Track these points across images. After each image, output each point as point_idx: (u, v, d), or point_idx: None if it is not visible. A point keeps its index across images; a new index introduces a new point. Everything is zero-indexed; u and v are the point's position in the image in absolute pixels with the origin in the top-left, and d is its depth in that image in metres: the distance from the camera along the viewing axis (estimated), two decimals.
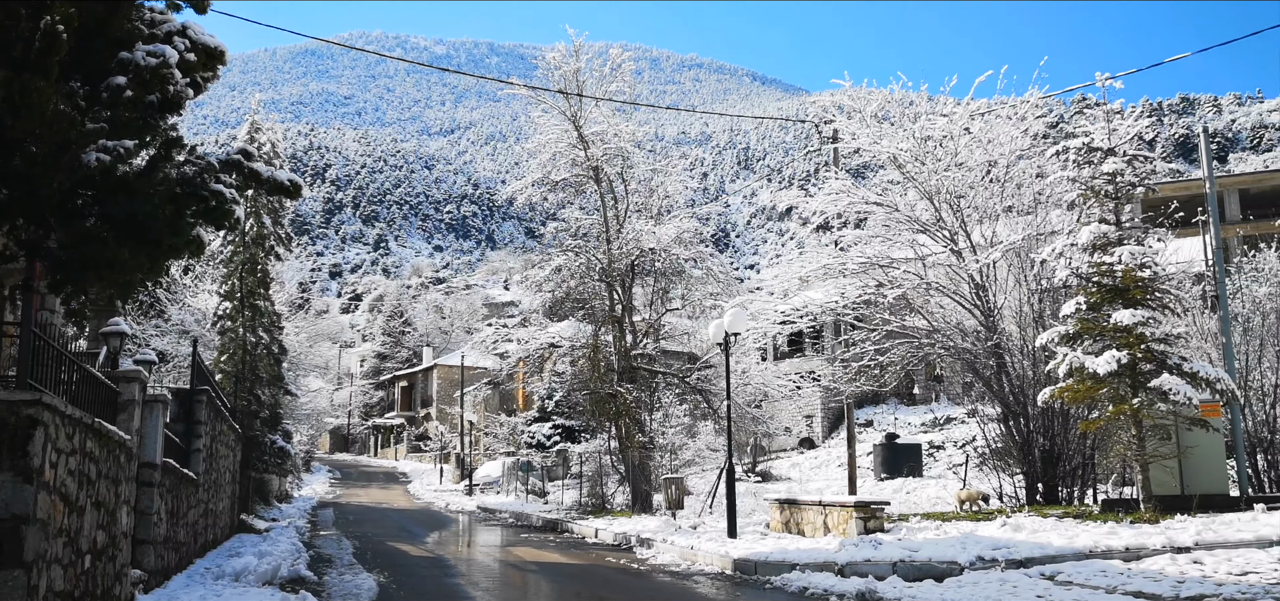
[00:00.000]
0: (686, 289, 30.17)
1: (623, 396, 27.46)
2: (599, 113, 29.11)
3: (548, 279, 29.56)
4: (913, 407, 44.27)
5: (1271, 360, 22.04)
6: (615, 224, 29.07)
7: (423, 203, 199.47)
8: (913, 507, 24.95)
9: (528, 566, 17.39)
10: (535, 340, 30.65)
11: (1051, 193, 22.05)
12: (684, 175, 32.19)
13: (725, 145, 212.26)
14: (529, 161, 31.78)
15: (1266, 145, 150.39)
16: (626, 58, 30.03)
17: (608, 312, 29.13)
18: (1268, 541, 13.25)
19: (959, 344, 22.60)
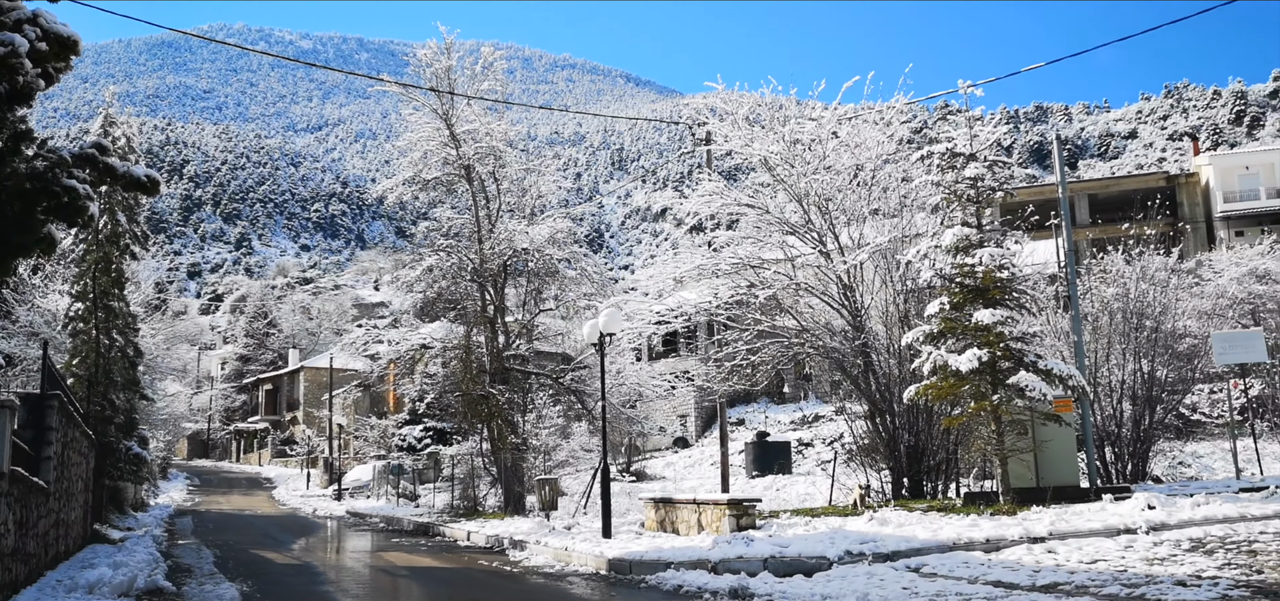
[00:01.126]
0: (560, 289, 30.05)
1: (495, 398, 27.18)
2: (471, 111, 28.76)
3: (419, 279, 29.06)
4: (783, 406, 45.07)
5: (1119, 357, 23.11)
6: (488, 223, 28.76)
7: (289, 201, 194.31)
8: (783, 504, 25.37)
9: (399, 571, 17.03)
10: (406, 341, 30.11)
11: (916, 196, 22.66)
12: (557, 175, 32.06)
13: (599, 146, 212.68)
14: (400, 160, 31.16)
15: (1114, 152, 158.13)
16: (499, 56, 29.74)
17: (480, 313, 28.80)
18: (1115, 530, 13.85)
19: (828, 343, 23.03)
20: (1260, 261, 45.99)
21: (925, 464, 21.82)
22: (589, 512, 24.73)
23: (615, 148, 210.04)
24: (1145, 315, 23.44)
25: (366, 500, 41.23)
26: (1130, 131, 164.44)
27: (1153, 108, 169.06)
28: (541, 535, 19.23)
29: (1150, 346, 23.21)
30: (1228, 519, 13.86)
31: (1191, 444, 29.66)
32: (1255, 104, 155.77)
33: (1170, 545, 12.41)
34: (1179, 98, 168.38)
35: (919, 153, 21.18)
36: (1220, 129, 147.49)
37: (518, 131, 32.07)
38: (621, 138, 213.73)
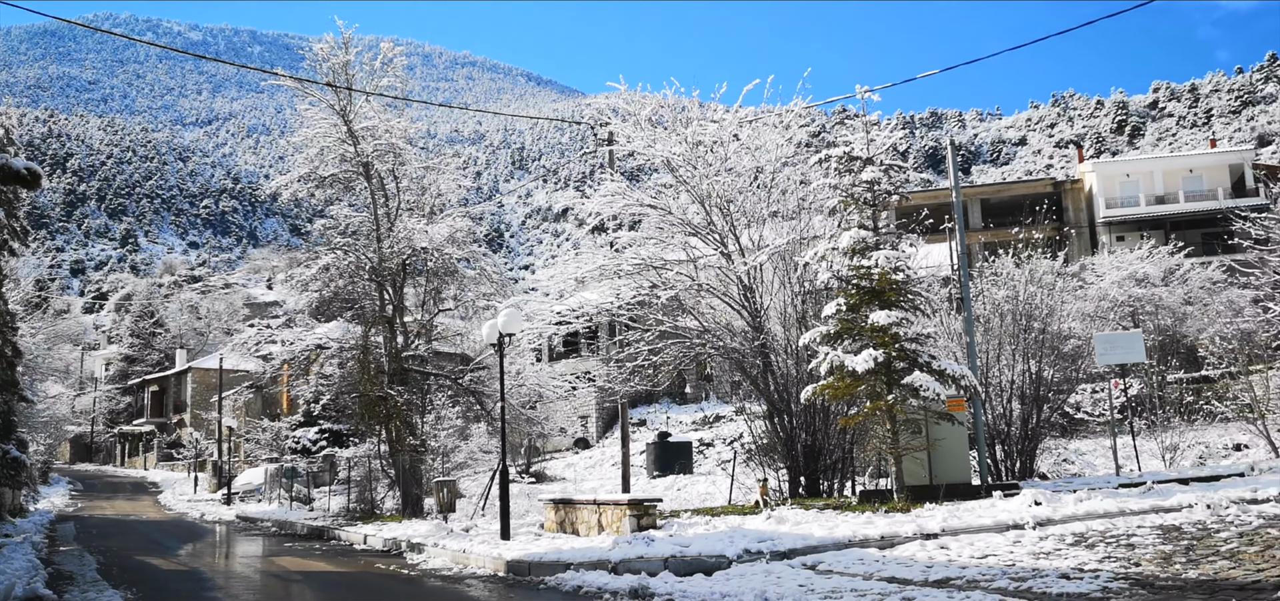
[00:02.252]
0: (460, 289, 29.73)
1: (393, 399, 26.78)
2: (370, 108, 28.27)
3: (315, 278, 28.44)
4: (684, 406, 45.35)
5: (1009, 358, 23.79)
6: (386, 222, 28.32)
7: (177, 197, 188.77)
8: (684, 504, 25.52)
9: (292, 576, 16.65)
10: (301, 341, 29.45)
11: (814, 199, 22.99)
12: (458, 174, 31.70)
13: (500, 145, 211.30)
14: (295, 156, 30.47)
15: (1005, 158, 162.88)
16: (398, 52, 29.28)
17: (378, 313, 28.34)
18: (1004, 525, 14.23)
19: (728, 344, 23.22)
20: (1139, 265, 47.83)
21: (822, 463, 22.15)
22: (488, 514, 24.53)
23: (516, 147, 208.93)
24: (1033, 317, 24.18)
25: (258, 504, 40.27)
26: (1020, 138, 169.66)
27: (1042, 115, 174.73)
28: (439, 537, 18.99)
29: (1038, 347, 23.94)
30: (1108, 513, 14.35)
31: (1075, 441, 30.69)
32: (1136, 114, 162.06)
33: (1055, 539, 12.79)
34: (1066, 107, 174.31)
35: (817, 156, 21.49)
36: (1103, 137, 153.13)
37: (418, 129, 31.65)
38: (523, 137, 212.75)
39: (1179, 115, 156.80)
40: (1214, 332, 36.78)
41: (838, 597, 10.21)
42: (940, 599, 9.60)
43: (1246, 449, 27.58)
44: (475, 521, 22.48)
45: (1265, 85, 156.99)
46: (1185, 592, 8.77)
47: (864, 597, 10.10)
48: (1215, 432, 29.54)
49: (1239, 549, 10.59)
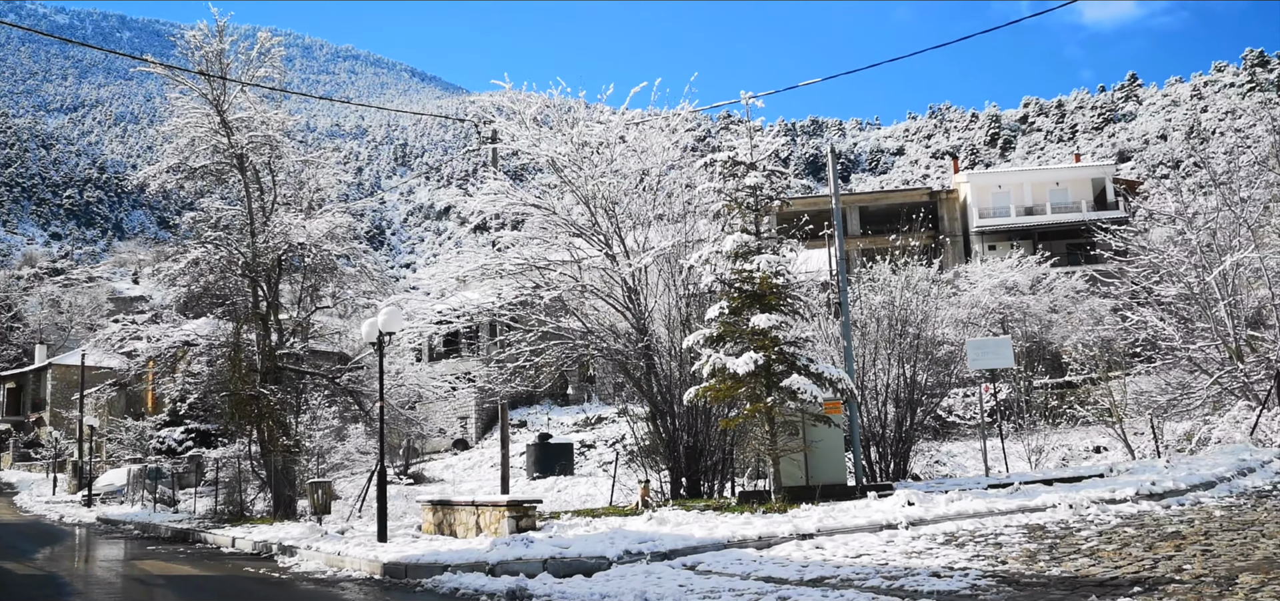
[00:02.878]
0: (339, 286, 29.09)
1: (266, 398, 26.04)
2: (246, 98, 27.45)
3: (184, 272, 27.47)
4: (566, 408, 45.25)
5: (884, 362, 24.35)
6: (262, 216, 27.52)
7: (38, 185, 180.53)
8: (565, 505, 25.43)
9: (155, 580, 16.03)
10: (169, 338, 28.40)
11: (699, 202, 23.15)
12: (338, 168, 31.05)
13: (382, 140, 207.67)
14: (164, 146, 29.35)
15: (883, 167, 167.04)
16: (276, 43, 28.48)
17: (252, 310, 27.52)
18: (878, 525, 14.53)
19: (612, 345, 23.23)
20: (1010, 274, 49.58)
21: (703, 464, 22.31)
22: (364, 517, 24.05)
23: (399, 143, 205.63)
24: (909, 322, 24.80)
25: (120, 506, 38.73)
26: (898, 148, 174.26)
27: (919, 126, 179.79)
28: (313, 540, 18.53)
29: (913, 352, 24.56)
30: (977, 513, 14.77)
31: (947, 443, 31.61)
32: (1008, 127, 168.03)
33: (927, 539, 13.12)
34: (942, 118, 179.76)
35: (703, 160, 21.63)
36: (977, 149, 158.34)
37: (296, 122, 30.87)
38: (405, 133, 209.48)
39: (1047, 130, 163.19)
40: (1077, 340, 38.27)
41: (716, 597, 10.28)
42: (815, 598, 9.74)
43: (1106, 451, 28.78)
44: (351, 523, 22.01)
45: (1125, 104, 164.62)
46: (1048, 589, 9.06)
47: (741, 597, 10.18)
48: (1078, 435, 30.75)
49: (1098, 547, 11.00)
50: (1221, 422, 25.00)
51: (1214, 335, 27.07)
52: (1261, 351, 25.99)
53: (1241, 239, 27.24)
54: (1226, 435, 23.94)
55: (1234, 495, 14.62)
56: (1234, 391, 26.20)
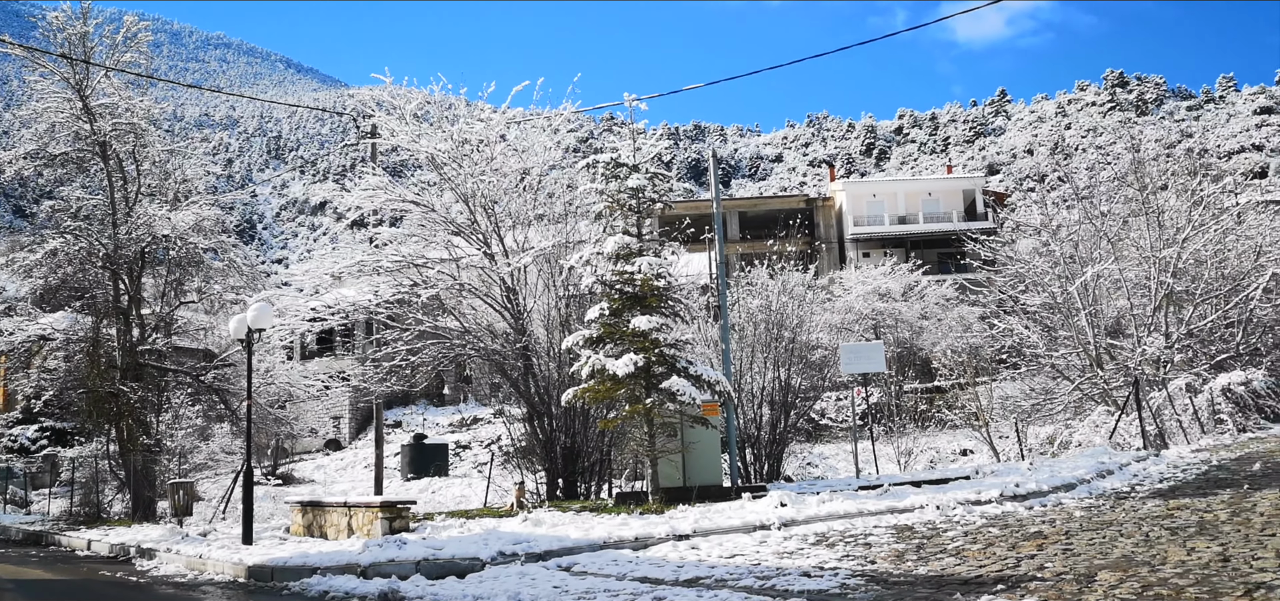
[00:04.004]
0: (206, 281, 28.11)
1: (127, 396, 24.98)
2: (110, 84, 26.31)
3: (41, 263, 26.18)
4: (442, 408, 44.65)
5: (761, 365, 24.65)
6: (124, 207, 26.40)
7: None
8: (439, 506, 25.05)
9: (4, 585, 15.17)
10: (22, 332, 27.04)
11: (581, 203, 23.08)
12: (206, 159, 30.08)
13: (254, 132, 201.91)
14: (21, 131, 27.96)
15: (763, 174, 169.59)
16: (144, 28, 27.36)
17: (112, 304, 26.37)
18: (752, 526, 14.65)
19: (490, 345, 22.98)
20: (883, 281, 50.80)
21: (580, 465, 22.24)
22: (229, 519, 23.28)
23: (272, 135, 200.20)
24: (785, 326, 25.16)
25: None
26: (778, 155, 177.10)
27: (798, 134, 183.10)
28: (174, 542, 17.81)
29: (788, 355, 24.92)
30: (848, 514, 15.02)
31: (820, 446, 32.20)
32: (883, 138, 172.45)
33: (799, 539, 13.27)
34: (820, 127, 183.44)
35: (585, 161, 21.53)
36: (853, 158, 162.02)
37: (163, 110, 29.79)
38: (279, 125, 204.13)
39: (921, 141, 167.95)
40: (946, 346, 39.48)
41: (591, 598, 10.19)
42: (690, 598, 9.74)
43: (972, 453, 29.69)
44: (214, 525, 21.26)
45: (995, 118, 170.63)
46: (915, 588, 9.23)
47: (617, 598, 10.12)
48: (945, 438, 31.65)
49: (964, 546, 11.28)
50: (1082, 427, 26.04)
51: (1076, 343, 28.18)
52: (1120, 359, 27.16)
53: (1102, 251, 28.43)
54: (1087, 439, 24.95)
55: (1094, 496, 15.18)
56: (1094, 397, 27.32)
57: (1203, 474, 16.73)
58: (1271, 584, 7.62)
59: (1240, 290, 27.76)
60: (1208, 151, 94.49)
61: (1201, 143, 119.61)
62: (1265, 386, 25.76)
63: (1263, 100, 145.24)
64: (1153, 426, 23.85)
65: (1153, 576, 8.41)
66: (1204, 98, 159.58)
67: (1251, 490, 13.50)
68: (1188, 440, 23.46)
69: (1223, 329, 27.94)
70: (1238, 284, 28.01)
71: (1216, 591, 7.59)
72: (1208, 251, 27.76)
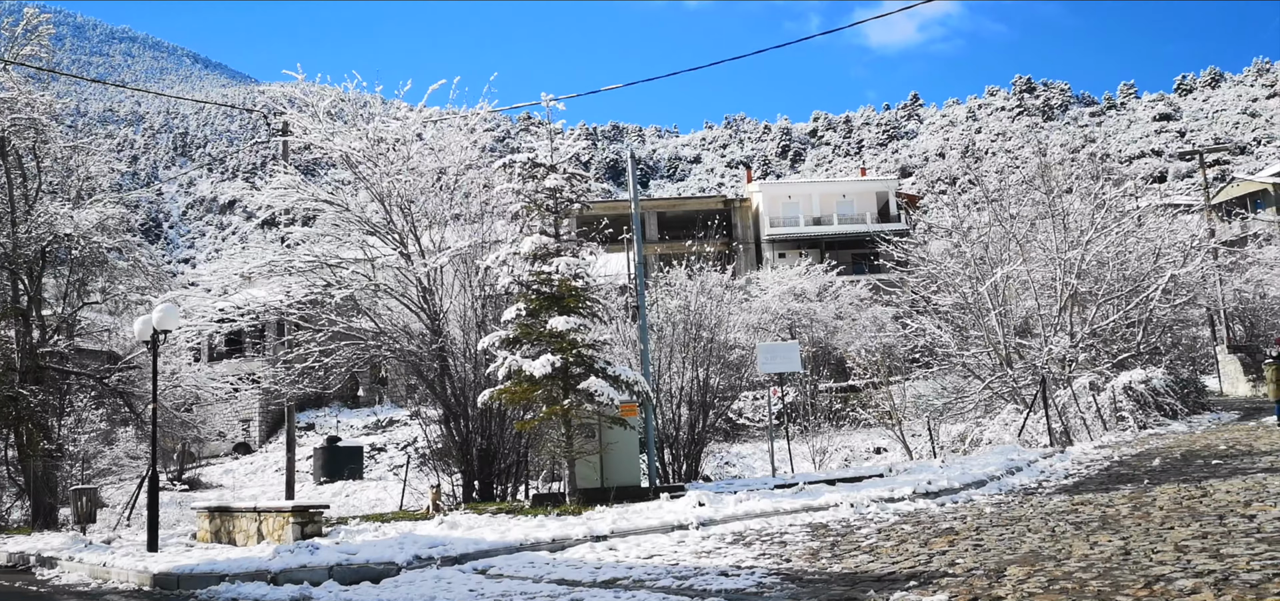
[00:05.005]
0: (110, 281, 27.30)
1: (26, 400, 24.13)
2: (9, 78, 25.40)
3: None
4: (357, 410, 44.02)
5: (679, 365, 24.74)
6: (24, 204, 25.50)
7: None
8: (353, 510, 24.67)
9: None
10: None
11: (497, 203, 22.93)
12: (111, 156, 29.24)
13: (161, 128, 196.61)
14: None
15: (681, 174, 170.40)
16: (45, 20, 26.46)
17: (11, 305, 25.44)
18: (670, 526, 14.68)
19: (406, 346, 22.70)
20: (799, 281, 51.38)
21: (497, 467, 22.08)
22: (134, 525, 22.62)
23: (180, 132, 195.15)
24: (703, 326, 25.29)
25: None
26: (696, 156, 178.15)
27: (716, 136, 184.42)
28: (76, 550, 17.22)
29: (706, 355, 25.06)
30: (764, 513, 15.13)
31: (737, 445, 32.43)
32: (798, 140, 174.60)
33: (717, 538, 13.33)
34: (737, 129, 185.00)
35: (502, 161, 21.38)
36: (770, 160, 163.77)
37: (65, 105, 28.86)
38: (187, 122, 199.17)
39: (835, 144, 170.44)
40: (860, 345, 40.05)
41: None
42: (608, 599, 9.71)
43: (886, 451, 30.16)
44: (119, 532, 20.66)
45: (908, 122, 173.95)
46: (830, 584, 9.33)
47: (534, 600, 10.06)
48: (860, 437, 32.10)
49: (877, 543, 11.44)
50: (992, 424, 26.64)
51: (986, 342, 28.82)
52: (1028, 358, 27.84)
53: (1011, 252, 29.12)
54: (997, 436, 25.54)
55: (1003, 492, 15.52)
56: (1004, 395, 27.97)
57: (1105, 470, 17.23)
58: (1170, 576, 7.85)
59: (1140, 291, 28.64)
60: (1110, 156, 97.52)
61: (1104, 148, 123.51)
62: (1164, 384, 26.63)
63: (1161, 107, 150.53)
64: (1059, 424, 24.49)
65: (1058, 570, 8.61)
66: (1106, 104, 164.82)
67: (1151, 485, 13.93)
68: (1091, 437, 24.14)
69: (1124, 328, 28.80)
70: (1138, 285, 28.90)
71: (1118, 584, 7.81)
72: (1110, 253, 28.59)
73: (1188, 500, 11.98)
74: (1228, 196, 68.05)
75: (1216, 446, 18.67)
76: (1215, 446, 18.70)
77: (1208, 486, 13.05)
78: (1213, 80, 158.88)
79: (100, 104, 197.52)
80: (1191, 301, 34.29)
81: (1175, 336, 31.64)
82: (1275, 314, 47.64)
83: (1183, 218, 44.93)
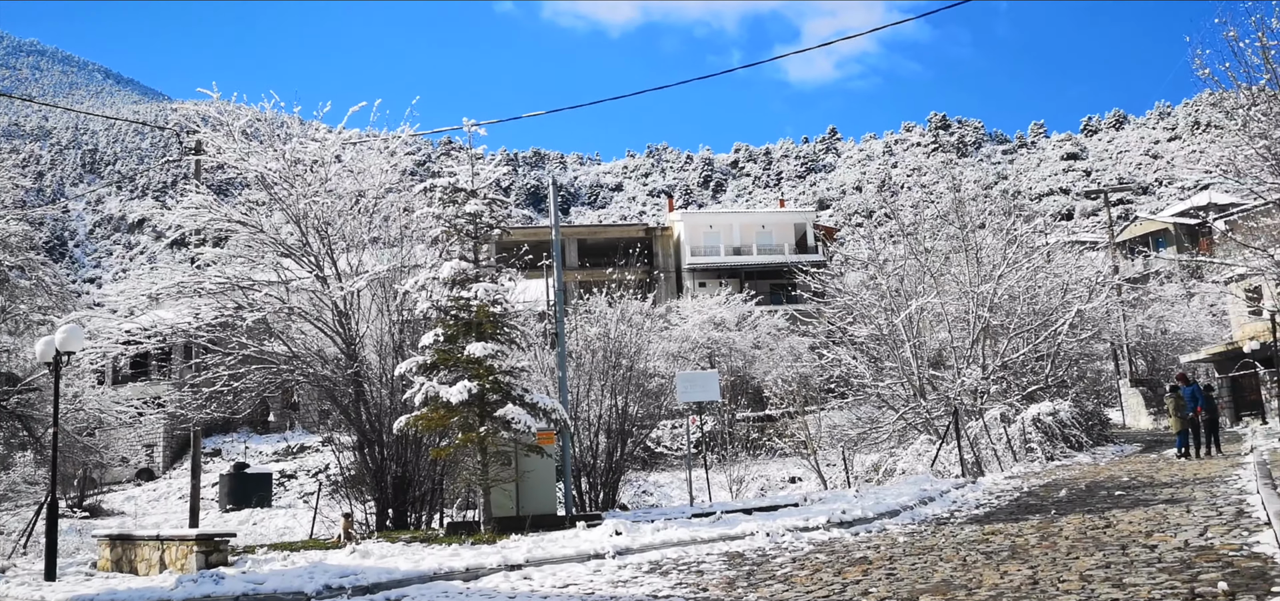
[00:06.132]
0: (10, 300, 26.35)
1: None
2: None
3: None
4: (267, 436, 43.06)
5: (598, 393, 24.67)
6: None
7: None
8: (261, 538, 24.10)
9: None
10: None
11: (417, 227, 22.70)
12: (15, 172, 28.25)
13: (69, 144, 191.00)
14: None
15: (602, 202, 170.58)
16: None
17: None
18: (586, 555, 14.56)
19: (319, 371, 22.28)
20: (718, 311, 51.67)
21: (412, 494, 21.75)
22: (31, 554, 21.80)
23: (88, 148, 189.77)
24: (623, 354, 25.28)
25: None
26: (617, 184, 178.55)
27: (638, 164, 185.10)
28: None
29: (625, 384, 25.03)
30: (681, 542, 15.10)
31: (655, 474, 32.42)
32: (720, 171, 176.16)
33: (633, 568, 13.26)
34: (659, 158, 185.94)
35: (422, 185, 21.16)
36: (691, 190, 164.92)
37: None
38: (96, 138, 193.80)
39: (756, 175, 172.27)
40: (778, 375, 40.31)
41: None
42: None
43: (801, 481, 30.42)
44: (14, 561, 19.89)
45: (826, 155, 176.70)
46: None
47: None
48: (776, 466, 32.33)
49: (792, 573, 11.47)
50: (906, 455, 27.02)
51: (901, 374, 29.25)
52: (942, 389, 28.31)
53: (925, 285, 29.64)
54: (910, 466, 25.89)
55: (916, 522, 15.71)
56: (917, 426, 28.39)
57: (1015, 500, 17.55)
58: None
59: (1049, 325, 29.36)
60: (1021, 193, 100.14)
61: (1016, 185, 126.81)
62: (1070, 417, 27.31)
63: (1069, 147, 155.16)
64: (971, 454, 24.92)
65: (969, 599, 8.71)
66: (1018, 142, 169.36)
67: (1058, 515, 14.22)
68: (1002, 467, 24.62)
69: (1034, 361, 29.49)
70: (1047, 319, 29.64)
71: None
72: (1021, 288, 29.28)
73: (1093, 530, 12.24)
74: (1131, 235, 70.36)
75: (1120, 478, 19.16)
76: (1118, 478, 19.19)
77: (1111, 517, 13.37)
78: (1117, 122, 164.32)
79: (5, 118, 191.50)
80: (1097, 336, 35.26)
81: (1081, 370, 32.48)
82: (1175, 349, 49.33)
83: (1089, 254, 46.33)
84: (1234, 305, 41.62)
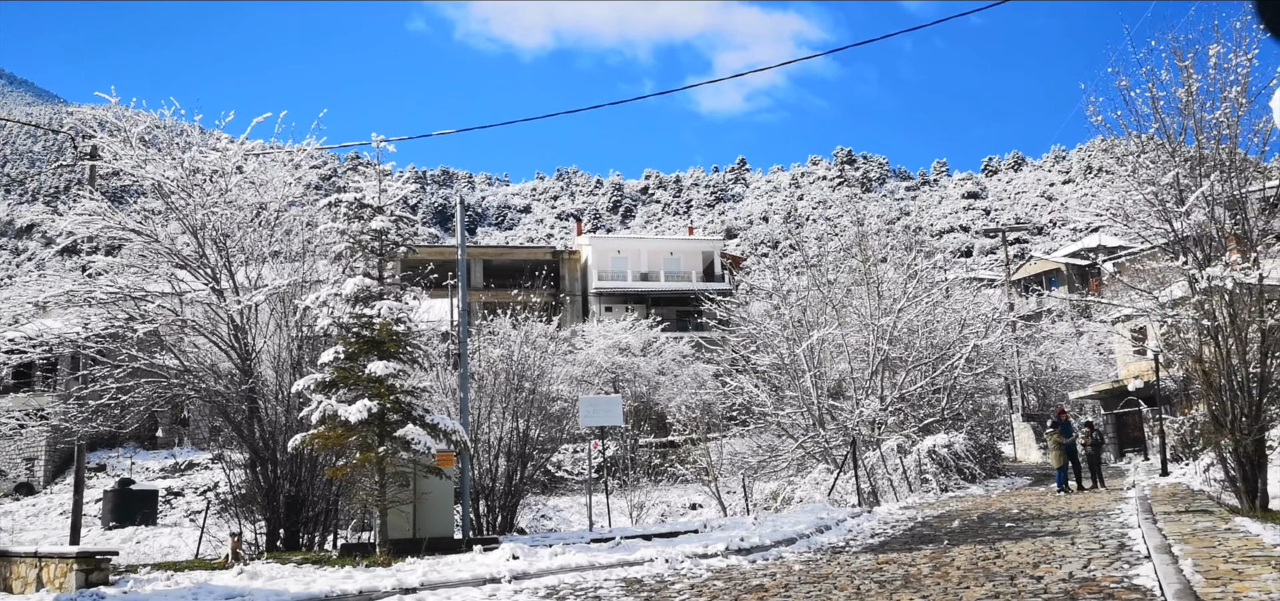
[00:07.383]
0: None
1: None
2: None
3: None
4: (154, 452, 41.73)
5: (499, 416, 24.48)
6: None
7: None
8: (145, 557, 23.33)
9: None
10: None
11: (321, 242, 22.28)
12: None
13: None
14: None
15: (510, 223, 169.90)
16: None
17: None
18: (482, 579, 14.42)
19: (212, 386, 21.69)
20: (623, 335, 51.75)
21: (305, 515, 21.28)
22: None
23: None
24: (526, 377, 25.13)
25: None
26: (526, 206, 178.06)
27: (547, 187, 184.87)
28: None
29: (528, 407, 24.89)
30: (580, 567, 15.04)
31: (555, 498, 32.26)
32: (630, 196, 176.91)
33: (530, 593, 13.16)
34: (569, 181, 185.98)
35: (328, 200, 20.80)
36: (601, 214, 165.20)
37: None
38: None
39: (665, 202, 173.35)
40: (681, 402, 40.57)
41: None
42: None
43: (702, 507, 30.56)
44: None
45: (735, 185, 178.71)
46: None
47: None
48: (677, 492, 32.44)
49: (690, 599, 11.51)
50: (804, 483, 27.37)
51: (801, 403, 29.64)
52: (841, 419, 28.76)
53: (827, 316, 30.12)
54: (808, 495, 26.22)
55: (812, 550, 15.90)
56: (816, 455, 28.79)
57: (909, 530, 17.88)
58: None
59: (946, 359, 30.08)
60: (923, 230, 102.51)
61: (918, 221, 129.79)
62: (965, 449, 27.98)
63: (970, 186, 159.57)
64: (867, 484, 25.33)
65: None
66: (921, 179, 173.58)
67: (950, 546, 14.53)
68: (897, 497, 25.08)
69: (931, 394, 30.16)
70: (944, 353, 30.36)
71: None
72: (920, 322, 29.95)
73: (983, 561, 12.53)
74: (1026, 273, 72.54)
75: (1010, 510, 19.67)
76: (1009, 510, 19.69)
77: (1001, 548, 13.70)
78: (1016, 163, 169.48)
79: None
80: (991, 371, 36.23)
81: (976, 403, 33.31)
82: (1065, 385, 50.93)
83: (986, 291, 47.66)
84: (1120, 344, 43.13)
